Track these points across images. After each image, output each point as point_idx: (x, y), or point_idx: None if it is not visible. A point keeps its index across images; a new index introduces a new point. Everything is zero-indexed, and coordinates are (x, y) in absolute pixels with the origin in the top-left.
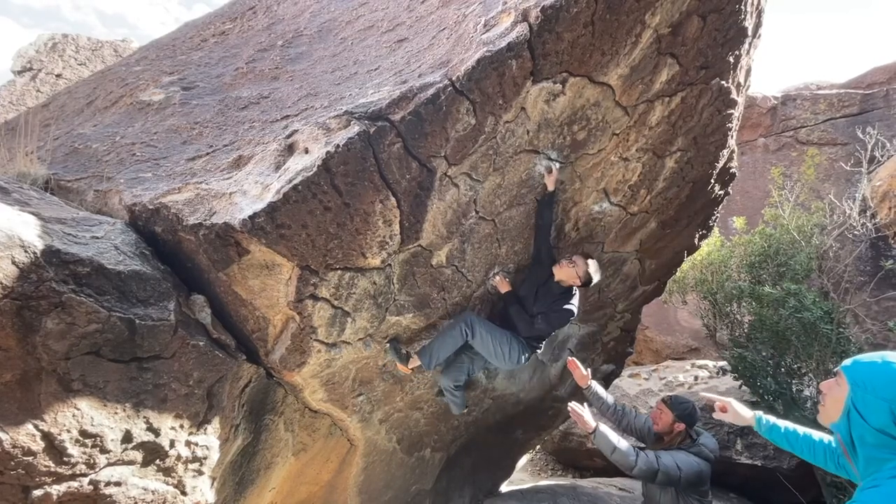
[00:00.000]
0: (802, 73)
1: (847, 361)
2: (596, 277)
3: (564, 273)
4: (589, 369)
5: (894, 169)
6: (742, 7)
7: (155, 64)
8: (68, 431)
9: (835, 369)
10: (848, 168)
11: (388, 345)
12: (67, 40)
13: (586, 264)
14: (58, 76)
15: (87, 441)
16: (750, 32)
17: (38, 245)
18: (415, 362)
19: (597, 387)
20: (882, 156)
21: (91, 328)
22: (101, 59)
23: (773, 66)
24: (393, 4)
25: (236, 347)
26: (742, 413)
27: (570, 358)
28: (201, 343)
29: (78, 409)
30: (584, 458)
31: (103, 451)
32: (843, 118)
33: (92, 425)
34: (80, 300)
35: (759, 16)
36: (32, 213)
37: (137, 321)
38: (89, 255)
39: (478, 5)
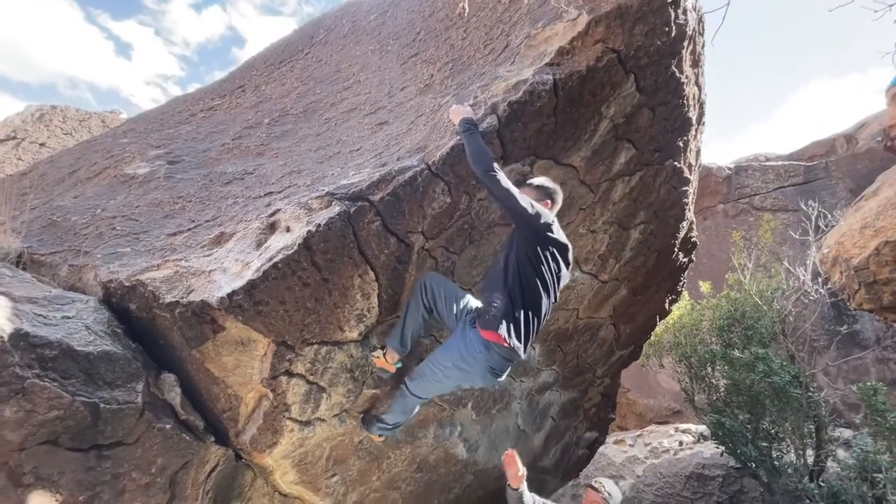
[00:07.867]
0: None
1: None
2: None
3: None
4: (524, 470)
5: (840, 235)
6: (684, 101)
7: (142, 136)
8: None
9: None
10: (797, 237)
11: (361, 419)
12: (56, 111)
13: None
14: (41, 145)
15: None
16: (694, 121)
17: (7, 329)
18: (392, 355)
19: (525, 492)
20: (826, 225)
21: (51, 415)
22: (88, 130)
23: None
24: (375, 90)
25: (205, 429)
26: None
27: (509, 451)
28: (168, 426)
29: None
30: None
31: None
32: (791, 186)
33: None
34: (44, 385)
35: (701, 107)
36: (3, 294)
37: (102, 405)
38: (58, 337)
39: (451, 97)
